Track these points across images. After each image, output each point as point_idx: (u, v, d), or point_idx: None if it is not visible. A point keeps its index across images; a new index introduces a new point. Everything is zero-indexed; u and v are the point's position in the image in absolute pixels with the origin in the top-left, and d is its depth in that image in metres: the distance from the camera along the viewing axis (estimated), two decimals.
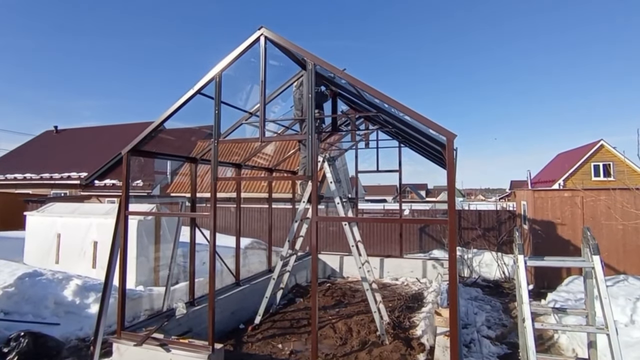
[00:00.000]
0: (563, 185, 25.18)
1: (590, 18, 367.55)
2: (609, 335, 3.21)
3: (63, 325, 6.25)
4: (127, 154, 4.69)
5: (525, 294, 3.45)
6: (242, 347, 5.52)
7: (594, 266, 3.33)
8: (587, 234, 3.51)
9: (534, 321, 3.28)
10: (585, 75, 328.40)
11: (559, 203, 9.46)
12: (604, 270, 3.36)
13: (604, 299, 3.19)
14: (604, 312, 3.23)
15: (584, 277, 3.76)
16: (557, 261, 3.85)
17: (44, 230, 9.08)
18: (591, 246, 3.37)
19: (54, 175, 20.06)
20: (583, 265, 3.51)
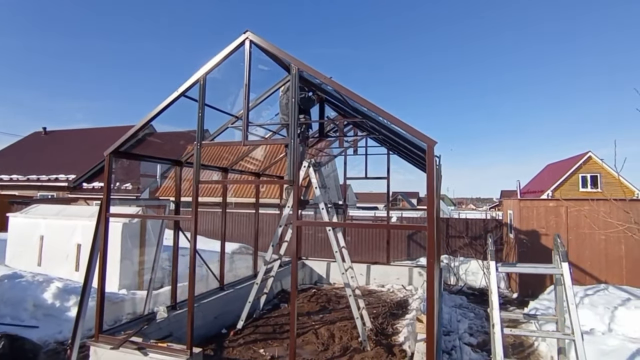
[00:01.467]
0: (551, 195, 25.49)
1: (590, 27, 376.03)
2: (575, 341, 3.25)
3: (42, 328, 6.15)
4: (109, 155, 4.67)
5: (496, 300, 3.49)
6: (222, 352, 5.47)
7: (563, 273, 3.38)
8: (557, 241, 3.57)
9: (505, 327, 3.30)
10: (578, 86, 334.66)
11: (544, 213, 9.57)
12: (572, 277, 3.41)
13: (571, 305, 3.23)
14: (571, 318, 3.27)
15: (555, 284, 3.81)
16: (528, 268, 3.91)
17: (26, 232, 8.95)
18: (560, 253, 3.42)
19: (42, 177, 19.82)
20: (552, 272, 3.57)
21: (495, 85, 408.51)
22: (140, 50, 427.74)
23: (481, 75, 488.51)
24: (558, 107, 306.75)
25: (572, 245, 9.44)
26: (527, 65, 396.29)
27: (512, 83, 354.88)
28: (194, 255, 4.48)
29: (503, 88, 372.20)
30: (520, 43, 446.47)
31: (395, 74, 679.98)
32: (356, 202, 47.93)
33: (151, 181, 18.21)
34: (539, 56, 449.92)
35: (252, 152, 8.48)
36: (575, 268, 9.35)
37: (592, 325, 6.23)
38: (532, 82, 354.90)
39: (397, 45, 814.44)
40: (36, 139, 25.90)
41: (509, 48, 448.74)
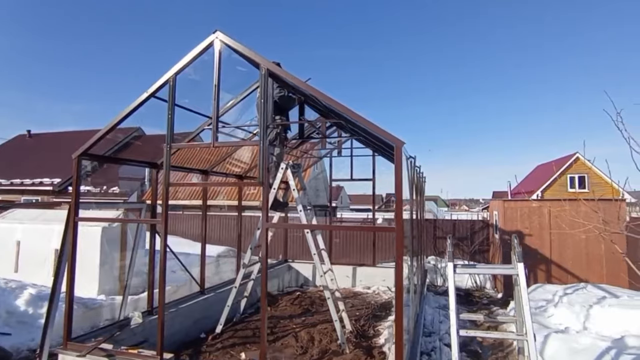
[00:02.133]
0: (541, 196, 25.68)
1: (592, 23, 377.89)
2: (527, 341, 3.22)
3: (14, 335, 6.01)
4: (77, 158, 4.58)
5: (453, 300, 3.46)
6: (199, 357, 5.38)
7: (518, 273, 3.36)
8: (514, 242, 3.56)
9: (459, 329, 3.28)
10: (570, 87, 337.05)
11: (527, 213, 9.61)
12: (527, 277, 3.40)
13: (524, 305, 3.21)
14: (524, 318, 3.25)
15: (514, 284, 3.79)
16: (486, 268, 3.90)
17: (2, 237, 8.76)
18: (516, 254, 3.40)
19: (25, 181, 19.50)
20: (509, 273, 3.55)
21: (490, 84, 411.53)
22: (122, 51, 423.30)
23: (477, 74, 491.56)
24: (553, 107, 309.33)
25: (554, 245, 9.49)
26: (530, 63, 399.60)
27: (512, 82, 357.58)
28: (164, 259, 4.40)
29: (499, 87, 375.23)
30: (520, 40, 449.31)
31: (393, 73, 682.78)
32: (349, 204, 47.90)
33: (138, 185, 18.04)
34: (545, 53, 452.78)
35: (236, 153, 8.41)
36: (558, 267, 9.39)
37: (568, 324, 6.25)
38: (533, 81, 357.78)
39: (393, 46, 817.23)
40: (20, 142, 25.52)
41: (512, 44, 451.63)
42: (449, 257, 3.61)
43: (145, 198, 17.31)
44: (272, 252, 10.80)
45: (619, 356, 4.85)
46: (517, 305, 3.97)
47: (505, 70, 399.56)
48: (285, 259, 10.04)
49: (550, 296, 7.37)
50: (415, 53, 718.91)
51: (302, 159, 9.74)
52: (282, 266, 9.57)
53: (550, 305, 6.97)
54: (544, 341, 5.48)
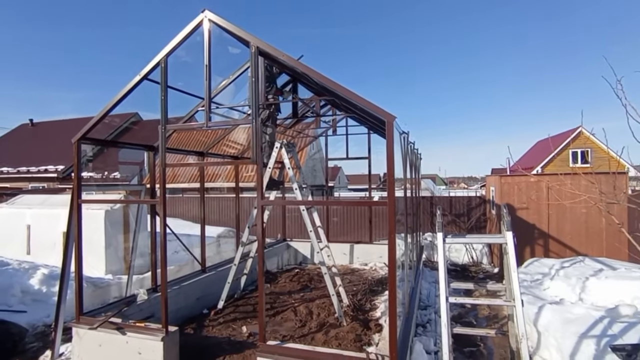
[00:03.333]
0: (541, 172, 25.64)
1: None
2: (515, 307, 3.38)
3: (30, 312, 6.31)
4: (77, 142, 4.70)
5: (442, 269, 3.61)
6: (202, 330, 5.64)
7: (507, 241, 3.49)
8: (503, 211, 3.68)
9: (449, 297, 3.43)
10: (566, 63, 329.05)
11: (525, 188, 9.70)
12: (515, 246, 3.52)
13: (512, 272, 3.36)
14: (512, 285, 3.40)
15: (503, 253, 3.93)
16: (475, 238, 4.04)
17: (12, 221, 9.04)
18: (506, 223, 3.52)
19: (31, 169, 19.77)
20: (498, 241, 3.69)
21: (488, 60, 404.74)
22: (119, 36, 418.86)
23: (475, 50, 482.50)
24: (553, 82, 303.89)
25: (552, 220, 9.61)
26: (522, 38, 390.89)
27: (506, 57, 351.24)
28: (164, 239, 4.57)
29: (497, 62, 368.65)
30: (518, 15, 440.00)
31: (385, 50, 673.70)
32: (347, 184, 48.01)
33: (138, 169, 18.19)
34: (539, 29, 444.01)
35: (232, 135, 8.51)
36: (556, 242, 9.54)
37: (563, 296, 6.41)
38: (527, 57, 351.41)
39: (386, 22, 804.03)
40: (24, 131, 25.70)
41: (502, 20, 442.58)
42: (438, 227, 3.75)
43: (145, 182, 17.51)
44: (270, 231, 11.04)
45: (611, 324, 5.00)
46: (506, 274, 4.12)
47: (504, 43, 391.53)
48: (284, 238, 10.26)
49: (547, 270, 7.52)
50: (410, 26, 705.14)
51: (298, 139, 9.81)
52: (280, 245, 9.79)
53: (547, 279, 7.13)
54: (538, 312, 5.63)
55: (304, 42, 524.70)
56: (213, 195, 14.31)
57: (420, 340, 5.33)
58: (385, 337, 4.56)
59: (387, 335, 4.56)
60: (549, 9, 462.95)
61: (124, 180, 18.33)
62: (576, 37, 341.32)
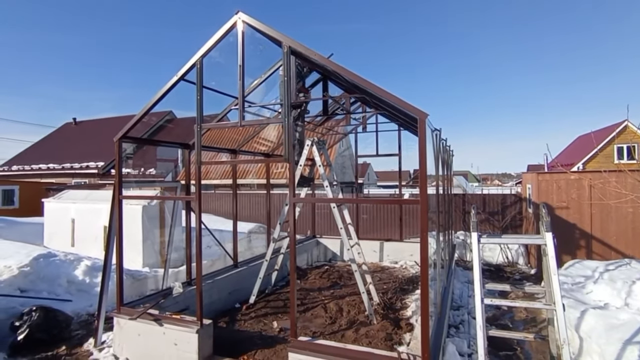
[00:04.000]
0: (582, 168, 24.40)
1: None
2: (556, 311, 3.24)
3: (75, 301, 6.68)
4: (118, 140, 4.92)
5: (477, 270, 3.51)
6: (235, 324, 5.78)
7: (546, 243, 3.34)
8: (542, 211, 3.52)
9: (484, 298, 3.34)
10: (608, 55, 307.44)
11: (564, 186, 9.27)
12: (555, 247, 3.37)
13: (552, 275, 3.22)
14: (552, 288, 3.26)
15: (542, 254, 3.77)
16: (512, 238, 3.88)
17: (59, 215, 9.58)
18: (545, 224, 3.38)
19: (74, 165, 20.91)
20: (536, 242, 3.53)
21: (525, 51, 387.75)
22: (159, 35, 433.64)
23: (509, 40, 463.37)
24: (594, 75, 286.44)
25: (595, 219, 9.14)
26: (562, 30, 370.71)
27: (545, 49, 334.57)
28: (199, 235, 4.71)
29: (535, 55, 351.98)
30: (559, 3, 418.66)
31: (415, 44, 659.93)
32: (376, 181, 47.56)
33: (172, 166, 18.83)
34: (577, 20, 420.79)
35: (263, 132, 8.63)
36: (599, 243, 9.07)
37: (608, 300, 6.10)
38: (568, 49, 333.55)
39: None
40: (68, 129, 27.21)
41: (546, 10, 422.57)
42: (473, 226, 3.65)
43: (179, 178, 18.14)
44: (300, 228, 11.11)
45: None
46: (545, 276, 3.96)
47: (542, 36, 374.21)
48: (314, 234, 10.31)
49: (590, 272, 7.18)
50: (443, 18, 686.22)
51: (327, 136, 9.81)
52: (310, 241, 9.85)
53: (589, 282, 6.80)
54: (580, 316, 5.38)
55: (322, 39, 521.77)
56: (244, 192, 14.59)
57: (452, 341, 5.23)
58: (417, 336, 4.51)
59: (419, 335, 4.51)
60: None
61: (159, 176, 19.05)
62: (621, 23, 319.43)
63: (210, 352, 4.69)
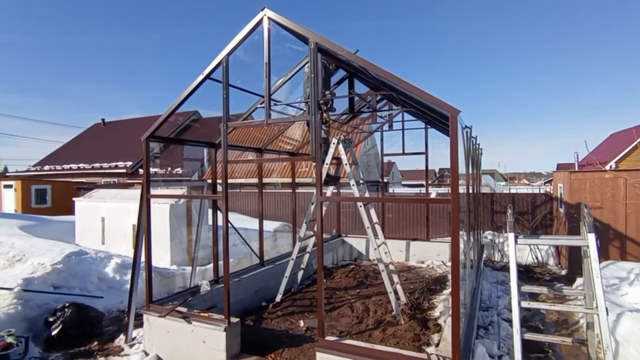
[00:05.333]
0: (615, 167, 23.36)
1: None
2: (599, 315, 3.07)
3: (106, 298, 6.84)
4: (145, 140, 5.00)
5: (514, 272, 3.37)
6: (261, 323, 5.80)
7: (589, 244, 3.17)
8: (584, 211, 3.35)
9: (521, 300, 3.20)
10: None
11: (598, 185, 8.88)
12: (598, 250, 3.19)
13: (595, 278, 3.05)
14: (595, 291, 3.09)
15: (583, 256, 3.59)
16: (550, 239, 3.70)
17: (89, 214, 9.88)
18: (587, 224, 3.21)
19: (104, 165, 21.57)
20: (578, 244, 3.36)
21: (553, 46, 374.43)
22: (178, 36, 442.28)
23: (538, 35, 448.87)
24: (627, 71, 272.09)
25: (631, 220, 8.72)
26: (594, 24, 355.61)
27: (575, 45, 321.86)
28: (226, 233, 4.73)
29: (562, 50, 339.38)
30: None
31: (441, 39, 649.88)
32: (401, 180, 47.04)
33: (198, 165, 19.14)
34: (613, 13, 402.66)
35: (288, 131, 8.63)
36: (634, 243, 8.66)
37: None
38: (596, 45, 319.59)
39: None
40: (96, 130, 28.11)
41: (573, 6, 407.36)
42: (510, 227, 3.52)
43: (205, 177, 18.44)
44: (325, 227, 11.08)
45: None
46: (586, 279, 3.78)
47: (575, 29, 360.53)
48: (339, 233, 10.26)
49: (625, 274, 6.88)
50: (473, 12, 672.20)
51: (352, 134, 9.74)
52: (335, 240, 9.81)
53: (625, 284, 6.50)
54: (616, 320, 5.16)
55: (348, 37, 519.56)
56: (269, 191, 14.67)
57: (482, 342, 5.08)
58: (446, 337, 4.40)
59: (448, 336, 4.41)
60: None
61: (186, 176, 19.42)
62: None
63: (238, 350, 4.71)
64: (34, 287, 6.10)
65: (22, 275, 6.29)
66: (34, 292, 6.04)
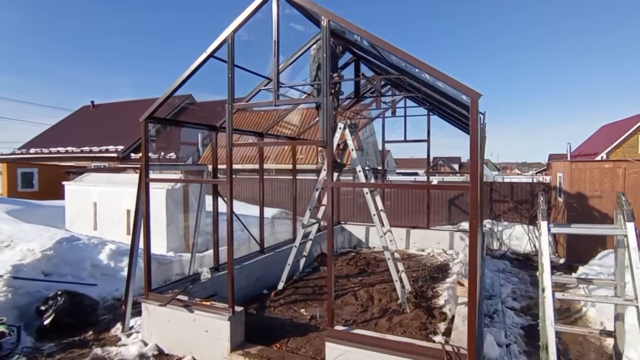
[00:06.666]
0: (606, 158, 23.62)
1: None
2: (638, 307, 2.98)
3: (100, 286, 6.62)
4: (144, 121, 4.75)
5: (547, 262, 3.27)
6: (264, 311, 5.67)
7: (627, 234, 3.07)
8: (622, 199, 3.24)
9: (554, 291, 3.10)
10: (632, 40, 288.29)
11: (598, 175, 8.89)
12: (638, 239, 3.09)
13: (635, 268, 2.95)
14: (634, 282, 3.00)
15: (615, 247, 3.49)
16: (584, 228, 3.60)
17: (81, 198, 9.56)
18: (625, 212, 3.10)
19: (93, 149, 21.01)
20: (615, 233, 3.26)
21: (542, 36, 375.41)
22: (171, 21, 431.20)
23: (528, 24, 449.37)
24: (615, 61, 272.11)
25: None
26: (582, 13, 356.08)
27: (563, 34, 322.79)
28: (230, 219, 4.55)
29: (552, 39, 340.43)
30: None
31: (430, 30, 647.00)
32: (395, 168, 47.12)
33: (194, 150, 18.73)
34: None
35: (287, 117, 8.39)
36: None
37: None
38: (586, 33, 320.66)
39: None
40: (86, 113, 27.30)
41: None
42: (543, 215, 3.41)
43: (201, 162, 18.07)
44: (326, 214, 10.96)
45: None
46: (618, 270, 3.68)
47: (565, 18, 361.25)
48: (338, 220, 10.14)
49: (626, 262, 6.91)
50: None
51: (355, 120, 9.55)
52: (335, 227, 9.68)
53: (627, 272, 6.55)
54: (630, 308, 5.15)
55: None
56: (265, 177, 14.43)
57: (490, 331, 5.04)
58: (457, 327, 4.33)
59: (459, 325, 4.35)
60: None
61: (180, 160, 19.01)
62: None
63: (242, 339, 4.57)
64: (23, 274, 5.85)
65: (10, 262, 6.02)
66: (24, 279, 5.79)
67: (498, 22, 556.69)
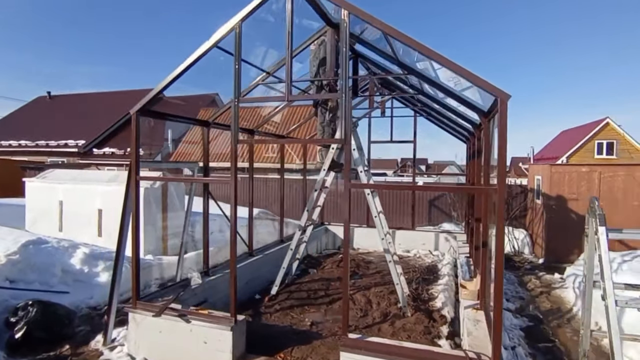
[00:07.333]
0: (566, 162, 25.02)
1: None
2: None
3: (73, 293, 6.02)
4: (135, 114, 4.32)
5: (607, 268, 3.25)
6: (260, 318, 5.37)
7: None
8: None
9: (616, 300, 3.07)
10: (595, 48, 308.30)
11: (576, 178, 9.25)
12: None
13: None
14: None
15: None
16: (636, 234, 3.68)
17: (44, 197, 8.75)
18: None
19: (50, 143, 19.51)
20: None
21: (505, 43, 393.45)
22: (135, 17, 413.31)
23: (492, 33, 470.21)
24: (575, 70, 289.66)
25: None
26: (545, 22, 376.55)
27: (525, 42, 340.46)
28: (234, 220, 4.24)
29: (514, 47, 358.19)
30: None
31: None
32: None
33: (162, 146, 17.85)
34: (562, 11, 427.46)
35: (276, 114, 8.10)
36: None
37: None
38: (549, 42, 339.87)
39: None
40: (41, 104, 25.34)
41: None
42: (600, 220, 3.41)
43: (174, 159, 17.23)
44: (297, 213, 10.70)
45: None
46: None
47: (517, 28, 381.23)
48: (322, 222, 9.94)
49: None
50: None
51: None
52: (319, 229, 9.48)
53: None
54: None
55: None
56: (243, 176, 13.95)
57: None
58: (471, 332, 4.25)
59: (473, 331, 4.27)
60: None
61: (147, 156, 18.02)
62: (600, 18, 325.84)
63: (243, 349, 4.28)
64: None
65: None
66: None
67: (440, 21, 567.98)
